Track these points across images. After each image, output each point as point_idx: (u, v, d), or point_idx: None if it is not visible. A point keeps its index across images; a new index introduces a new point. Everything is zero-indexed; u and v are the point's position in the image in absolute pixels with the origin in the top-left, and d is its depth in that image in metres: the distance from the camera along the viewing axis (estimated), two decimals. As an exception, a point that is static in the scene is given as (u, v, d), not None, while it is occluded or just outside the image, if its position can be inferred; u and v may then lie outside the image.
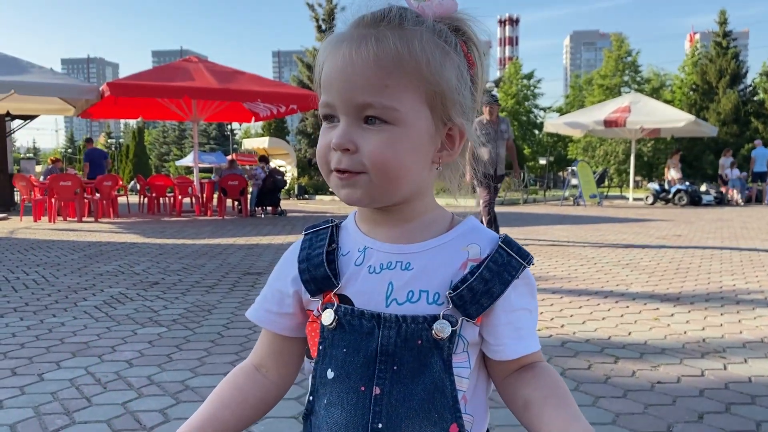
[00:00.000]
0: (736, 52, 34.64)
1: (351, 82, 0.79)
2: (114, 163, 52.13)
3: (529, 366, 0.88)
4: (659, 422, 2.58)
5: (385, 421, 0.81)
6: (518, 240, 0.88)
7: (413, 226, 0.88)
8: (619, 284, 5.69)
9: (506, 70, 43.93)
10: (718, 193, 19.52)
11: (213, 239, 9.46)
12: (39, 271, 6.40)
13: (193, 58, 15.38)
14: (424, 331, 0.81)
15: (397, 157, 0.81)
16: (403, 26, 0.80)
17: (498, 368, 0.89)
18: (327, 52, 0.83)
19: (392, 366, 0.82)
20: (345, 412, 0.83)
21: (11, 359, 3.40)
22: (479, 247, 0.87)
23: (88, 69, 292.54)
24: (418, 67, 0.79)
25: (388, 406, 0.81)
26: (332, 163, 0.82)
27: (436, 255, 0.86)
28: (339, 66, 0.80)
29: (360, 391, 0.82)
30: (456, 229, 0.89)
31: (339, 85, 0.80)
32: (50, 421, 2.56)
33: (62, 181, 12.82)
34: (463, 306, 0.82)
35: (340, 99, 0.81)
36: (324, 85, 0.83)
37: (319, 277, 0.87)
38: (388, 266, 0.85)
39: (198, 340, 3.82)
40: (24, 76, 12.77)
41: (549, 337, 3.89)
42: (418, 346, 0.81)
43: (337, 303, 0.85)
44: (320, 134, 0.85)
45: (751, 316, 4.44)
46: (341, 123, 0.81)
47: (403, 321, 0.81)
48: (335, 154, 0.82)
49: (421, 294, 0.83)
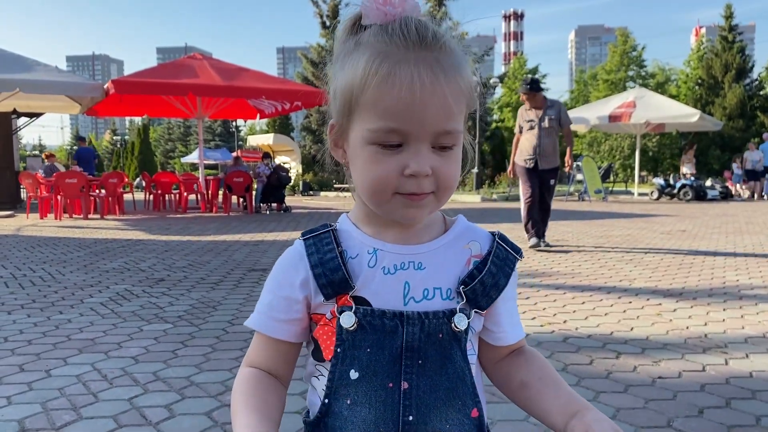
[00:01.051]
0: (742, 47, 34.50)
1: (427, 111, 0.80)
2: (119, 160, 52.35)
3: (518, 351, 1.01)
4: (659, 417, 2.61)
5: (415, 413, 0.86)
6: (521, 236, 0.93)
7: (418, 227, 0.93)
8: (622, 280, 5.70)
9: (511, 65, 43.87)
10: (723, 188, 19.49)
11: (218, 236, 9.50)
12: (45, 268, 6.45)
13: (198, 55, 15.42)
14: (444, 325, 0.88)
15: (457, 176, 0.88)
16: (445, 43, 0.84)
17: (492, 354, 0.99)
18: (376, 70, 0.81)
19: (417, 360, 0.87)
20: (374, 410, 0.86)
21: (19, 356, 3.45)
22: (479, 245, 0.94)
23: (93, 66, 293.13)
24: (469, 90, 0.86)
25: (417, 399, 0.86)
26: (402, 188, 0.83)
27: (443, 254, 0.92)
28: (408, 94, 0.79)
29: (388, 388, 0.86)
30: (453, 228, 0.95)
31: (413, 115, 0.80)
32: (57, 417, 2.60)
33: (68, 179, 12.89)
34: (475, 299, 0.90)
35: (415, 127, 0.81)
36: (387, 112, 0.81)
37: (337, 281, 0.88)
38: (402, 267, 0.89)
39: (203, 336, 3.85)
40: (29, 74, 12.82)
41: (551, 332, 3.91)
42: (439, 339, 0.88)
43: (353, 305, 0.88)
44: (374, 160, 0.83)
45: (753, 312, 4.45)
46: (415, 149, 0.82)
47: (426, 317, 0.87)
48: (408, 180, 0.82)
49: (435, 291, 0.89)
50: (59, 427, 2.50)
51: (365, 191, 0.86)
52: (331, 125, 0.91)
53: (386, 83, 0.80)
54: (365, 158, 0.84)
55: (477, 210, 15.22)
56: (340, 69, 0.87)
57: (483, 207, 16.57)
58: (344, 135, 0.88)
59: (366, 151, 0.84)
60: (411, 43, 0.81)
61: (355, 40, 0.86)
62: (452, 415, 0.88)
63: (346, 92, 0.84)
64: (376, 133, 0.82)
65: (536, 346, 3.61)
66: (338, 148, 0.91)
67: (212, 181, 15.37)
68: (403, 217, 0.86)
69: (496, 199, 19.67)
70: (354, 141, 0.86)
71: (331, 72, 0.90)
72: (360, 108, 0.83)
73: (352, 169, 0.89)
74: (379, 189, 0.84)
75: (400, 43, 0.81)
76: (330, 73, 0.90)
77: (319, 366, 0.92)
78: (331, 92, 0.90)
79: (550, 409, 0.92)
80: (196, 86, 13.25)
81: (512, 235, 9.12)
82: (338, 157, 0.92)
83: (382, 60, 0.81)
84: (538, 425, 2.50)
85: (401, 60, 0.80)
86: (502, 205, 17.71)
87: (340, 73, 0.87)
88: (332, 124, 0.90)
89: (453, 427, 0.88)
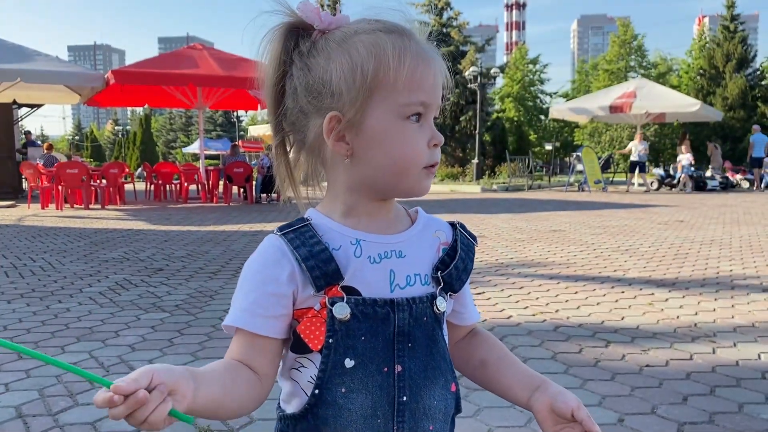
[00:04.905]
0: (744, 36, 34.31)
1: (439, 90, 0.92)
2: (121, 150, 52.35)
3: (474, 331, 1.10)
4: (644, 404, 2.66)
5: (408, 394, 0.91)
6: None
7: (392, 217, 0.98)
8: (616, 270, 5.75)
9: (512, 55, 43.74)
10: (723, 179, 19.48)
11: (218, 226, 9.55)
12: (46, 257, 6.51)
13: (198, 45, 15.41)
14: (427, 308, 0.94)
15: None
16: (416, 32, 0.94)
17: (453, 334, 1.05)
18: (415, 56, 0.89)
19: (408, 344, 0.92)
20: (370, 394, 0.90)
21: (17, 344, 3.50)
22: (444, 233, 1.01)
23: (95, 56, 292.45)
24: None
25: (410, 380, 0.91)
26: (430, 159, 0.92)
27: (419, 242, 0.97)
28: (434, 75, 0.91)
29: (384, 372, 0.91)
30: (420, 219, 1.00)
31: (436, 88, 0.91)
32: (54, 403, 2.66)
33: (69, 169, 12.94)
34: (450, 283, 0.96)
35: (435, 100, 0.91)
36: (417, 85, 0.89)
37: (330, 272, 0.90)
38: (386, 255, 0.93)
39: (200, 325, 3.91)
40: (29, 64, 12.84)
41: (543, 321, 3.96)
42: (424, 322, 0.93)
43: (344, 295, 0.90)
44: (407, 134, 0.90)
45: (744, 301, 4.50)
46: (429, 122, 0.92)
47: (413, 302, 0.92)
48: (433, 151, 0.92)
49: (416, 277, 0.94)
50: (55, 413, 2.56)
51: (394, 168, 0.90)
52: (332, 117, 0.89)
53: (420, 60, 0.89)
54: (396, 134, 0.89)
55: (477, 200, 15.25)
56: (333, 60, 0.89)
57: (483, 197, 16.59)
58: (354, 123, 0.89)
59: (398, 126, 0.89)
60: (429, 39, 0.93)
61: (337, 33, 0.90)
62: (438, 392, 0.94)
63: (361, 77, 0.87)
64: (410, 106, 0.88)
65: (527, 335, 3.67)
66: (340, 142, 0.91)
67: (212, 172, 15.40)
68: (421, 189, 0.93)
69: (496, 189, 19.68)
70: (377, 123, 0.88)
71: (314, 66, 0.90)
72: (386, 87, 0.87)
73: (369, 154, 0.90)
74: (413, 163, 0.90)
75: (425, 39, 0.92)
76: (303, 72, 0.90)
77: (300, 359, 0.93)
78: (316, 87, 0.90)
79: (512, 384, 1.01)
80: (196, 76, 13.27)
81: (516, 225, 9.19)
82: (339, 150, 0.91)
83: (404, 40, 0.89)
84: (524, 411, 2.55)
85: (431, 51, 0.92)
86: (502, 195, 17.74)
87: (334, 63, 0.88)
88: (333, 117, 0.89)
89: (439, 402, 0.95)
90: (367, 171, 0.91)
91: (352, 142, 0.90)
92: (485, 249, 7.00)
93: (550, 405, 0.95)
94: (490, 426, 2.46)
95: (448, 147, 28.10)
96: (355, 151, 0.90)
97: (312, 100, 0.90)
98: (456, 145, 28.44)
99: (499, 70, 28.79)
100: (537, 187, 21.92)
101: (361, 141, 0.90)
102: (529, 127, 39.19)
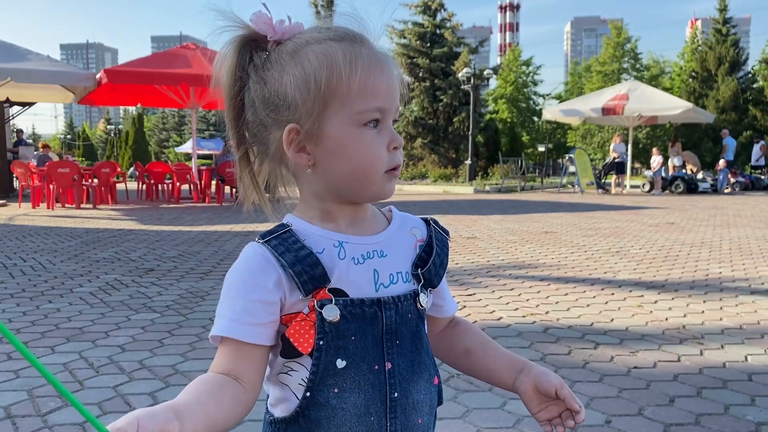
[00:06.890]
0: (736, 39, 34.48)
1: (396, 94, 0.93)
2: (113, 149, 52.18)
3: (454, 321, 1.13)
4: (631, 405, 2.68)
5: (399, 389, 0.93)
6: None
7: (369, 218, 1.00)
8: (606, 272, 5.78)
9: (506, 56, 43.82)
10: (714, 181, 19.59)
11: (210, 226, 9.54)
12: (36, 257, 6.49)
13: (191, 45, 15.38)
14: (411, 305, 0.96)
15: None
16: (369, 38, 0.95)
17: (433, 327, 1.09)
18: (367, 62, 0.90)
19: (395, 341, 0.94)
20: (363, 393, 0.92)
21: (6, 344, 3.49)
22: (420, 230, 1.03)
23: (87, 54, 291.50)
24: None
25: (400, 377, 0.94)
26: (390, 162, 0.93)
27: (397, 240, 1.00)
28: (387, 80, 0.92)
29: (375, 370, 0.92)
30: (395, 218, 1.03)
31: (392, 93, 0.92)
32: (43, 404, 2.66)
33: (60, 168, 12.89)
34: (429, 279, 0.99)
35: (392, 105, 0.92)
36: (370, 92, 0.89)
37: (317, 276, 0.90)
38: (369, 256, 0.95)
39: (190, 325, 3.91)
40: (21, 63, 12.79)
41: (532, 323, 3.98)
42: (409, 319, 0.96)
43: (332, 298, 0.91)
44: (365, 141, 0.90)
45: (732, 303, 4.53)
46: (388, 126, 0.92)
47: (398, 300, 0.94)
48: (393, 154, 0.93)
49: (398, 275, 0.96)
50: (44, 414, 2.56)
51: (356, 175, 0.91)
52: (291, 130, 0.90)
53: (372, 66, 0.89)
54: (354, 142, 0.90)
55: (469, 201, 15.27)
56: (287, 72, 0.90)
57: (476, 198, 16.62)
58: (313, 134, 0.90)
59: (355, 134, 0.89)
60: (357, 36, 0.92)
61: (289, 44, 0.91)
62: (423, 386, 0.97)
63: (315, 88, 0.88)
64: (366, 113, 0.89)
65: (517, 337, 3.68)
66: (301, 152, 0.92)
67: (205, 172, 15.37)
68: (386, 193, 0.94)
69: (489, 190, 19.72)
70: (335, 131, 0.89)
71: (269, 79, 0.91)
72: (341, 96, 0.88)
73: (329, 163, 0.92)
74: (374, 168, 0.91)
75: (377, 45, 0.93)
76: (259, 86, 0.92)
77: (290, 363, 0.94)
78: (273, 100, 0.91)
79: (497, 368, 1.06)
80: (188, 76, 13.25)
81: (508, 226, 9.21)
82: (301, 161, 0.93)
83: (355, 47, 0.89)
84: (513, 413, 2.57)
85: (385, 56, 0.92)
86: (494, 196, 17.77)
87: (287, 76, 0.90)
88: (292, 129, 0.90)
89: (426, 396, 0.98)
90: (330, 179, 0.93)
91: (312, 152, 0.92)
92: (476, 250, 7.02)
93: (534, 385, 1.01)
94: (478, 427, 2.47)
95: (441, 148, 28.14)
96: (317, 160, 0.92)
97: (270, 113, 0.92)
98: (449, 146, 28.47)
99: (492, 71, 28.78)
100: (530, 188, 21.98)
101: (321, 151, 0.92)
102: (522, 129, 39.29)
